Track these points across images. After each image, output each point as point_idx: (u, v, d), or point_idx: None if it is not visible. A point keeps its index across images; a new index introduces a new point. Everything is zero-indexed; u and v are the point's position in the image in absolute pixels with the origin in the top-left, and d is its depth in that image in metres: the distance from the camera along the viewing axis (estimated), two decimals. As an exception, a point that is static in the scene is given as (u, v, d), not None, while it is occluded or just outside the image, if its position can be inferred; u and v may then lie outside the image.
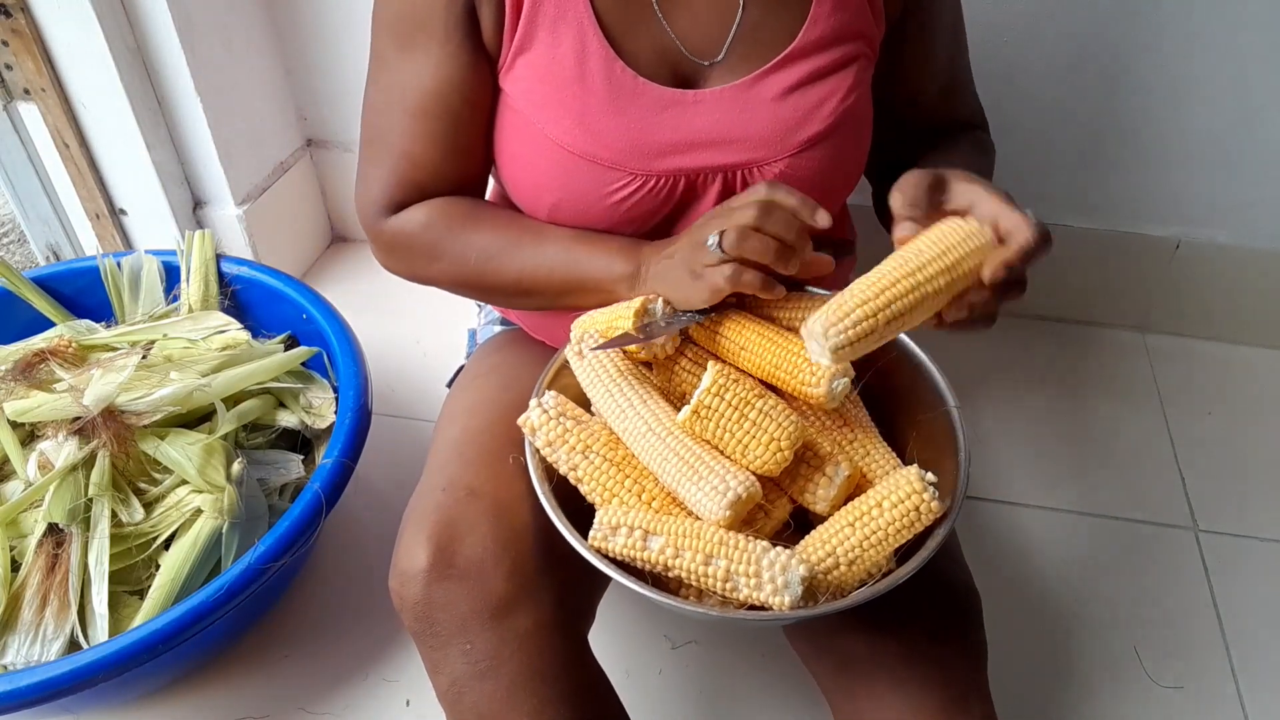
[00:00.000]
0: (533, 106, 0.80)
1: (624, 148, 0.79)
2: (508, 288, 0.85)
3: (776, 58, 0.80)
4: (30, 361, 1.10)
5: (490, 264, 0.83)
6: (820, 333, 0.63)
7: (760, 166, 0.81)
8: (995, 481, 1.36)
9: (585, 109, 0.79)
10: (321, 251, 1.79)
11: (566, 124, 0.79)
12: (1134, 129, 1.41)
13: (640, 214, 0.82)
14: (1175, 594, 1.23)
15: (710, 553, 0.66)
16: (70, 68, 1.34)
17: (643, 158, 0.79)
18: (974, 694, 0.78)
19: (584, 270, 0.81)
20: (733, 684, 1.11)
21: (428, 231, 0.85)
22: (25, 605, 0.98)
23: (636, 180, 0.80)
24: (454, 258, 0.84)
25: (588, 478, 0.73)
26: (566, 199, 0.82)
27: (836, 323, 0.63)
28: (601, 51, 0.78)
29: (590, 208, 0.81)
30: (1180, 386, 1.53)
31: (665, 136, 0.79)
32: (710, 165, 0.80)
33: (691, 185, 0.81)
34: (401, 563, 0.76)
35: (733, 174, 0.81)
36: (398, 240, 0.86)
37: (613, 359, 0.76)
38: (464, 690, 0.75)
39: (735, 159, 0.80)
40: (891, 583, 0.67)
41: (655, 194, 0.81)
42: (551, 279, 0.82)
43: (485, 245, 0.83)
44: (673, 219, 0.84)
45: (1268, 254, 1.50)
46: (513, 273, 0.83)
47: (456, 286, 0.88)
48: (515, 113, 0.82)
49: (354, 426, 1.08)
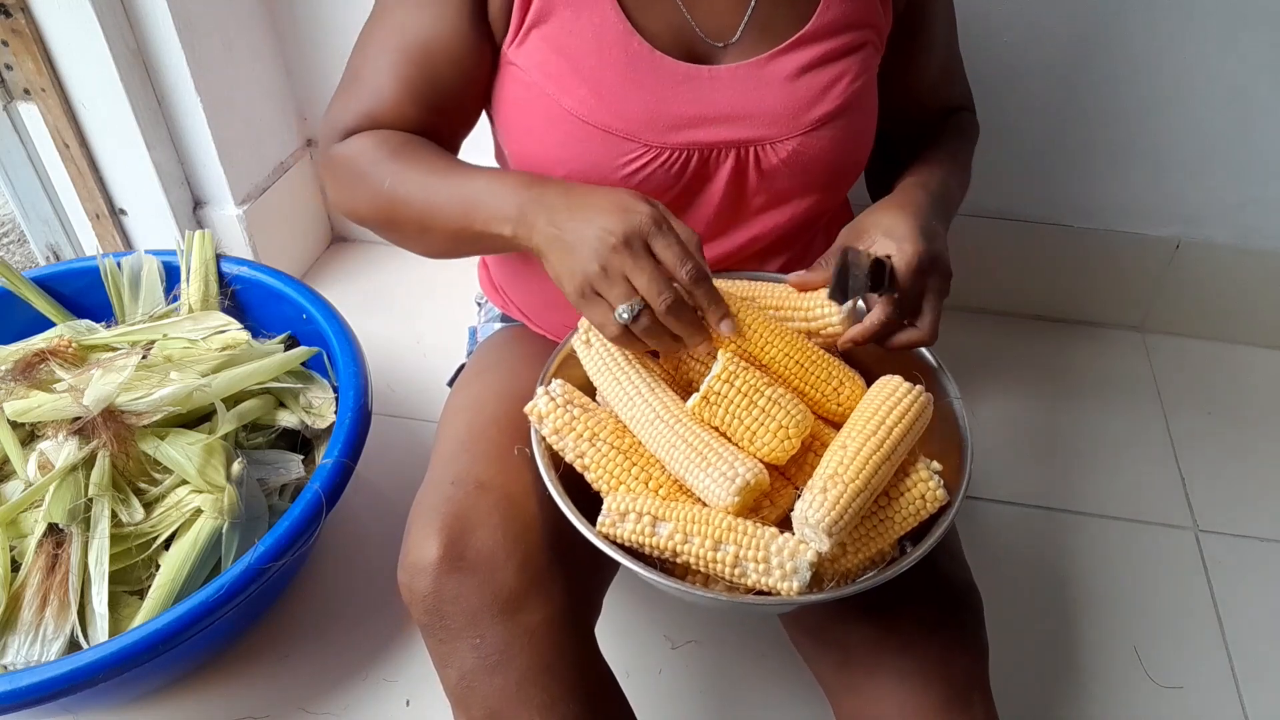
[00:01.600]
0: (547, 78, 0.81)
1: (639, 118, 0.80)
2: (412, 220, 0.80)
3: (790, 39, 0.82)
4: (30, 361, 1.10)
5: (400, 190, 0.79)
6: (823, 530, 0.66)
7: (773, 143, 0.82)
8: (995, 481, 1.36)
9: (602, 80, 0.80)
10: (321, 251, 1.79)
11: (582, 94, 0.80)
12: (1134, 129, 1.41)
13: (652, 188, 0.83)
14: (1175, 594, 1.23)
15: (719, 538, 0.67)
16: (70, 68, 1.34)
17: (657, 130, 0.80)
18: (975, 690, 0.78)
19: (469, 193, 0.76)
20: (733, 684, 1.11)
21: (361, 156, 0.82)
22: (25, 605, 0.98)
23: (650, 152, 0.81)
24: (373, 183, 0.81)
25: (595, 465, 0.74)
26: (578, 171, 0.82)
27: (837, 519, 0.66)
28: (620, 26, 0.80)
29: (603, 180, 0.82)
30: (1180, 386, 1.54)
31: (680, 110, 0.81)
32: (724, 140, 0.82)
33: (704, 160, 0.82)
34: (411, 555, 0.76)
35: (745, 150, 0.82)
36: (337, 163, 0.84)
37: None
38: (473, 684, 0.75)
39: (748, 134, 0.82)
40: (898, 569, 0.68)
41: (668, 167, 0.82)
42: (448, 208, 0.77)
43: (401, 172, 0.80)
44: (685, 196, 0.85)
45: (1268, 254, 1.50)
46: (418, 202, 0.79)
47: (376, 217, 0.83)
48: (528, 85, 0.82)
49: (354, 426, 1.08)
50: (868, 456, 0.67)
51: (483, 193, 0.76)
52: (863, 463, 0.67)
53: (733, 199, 0.85)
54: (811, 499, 0.66)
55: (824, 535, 0.65)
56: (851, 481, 0.66)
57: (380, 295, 1.66)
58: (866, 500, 0.67)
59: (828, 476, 0.67)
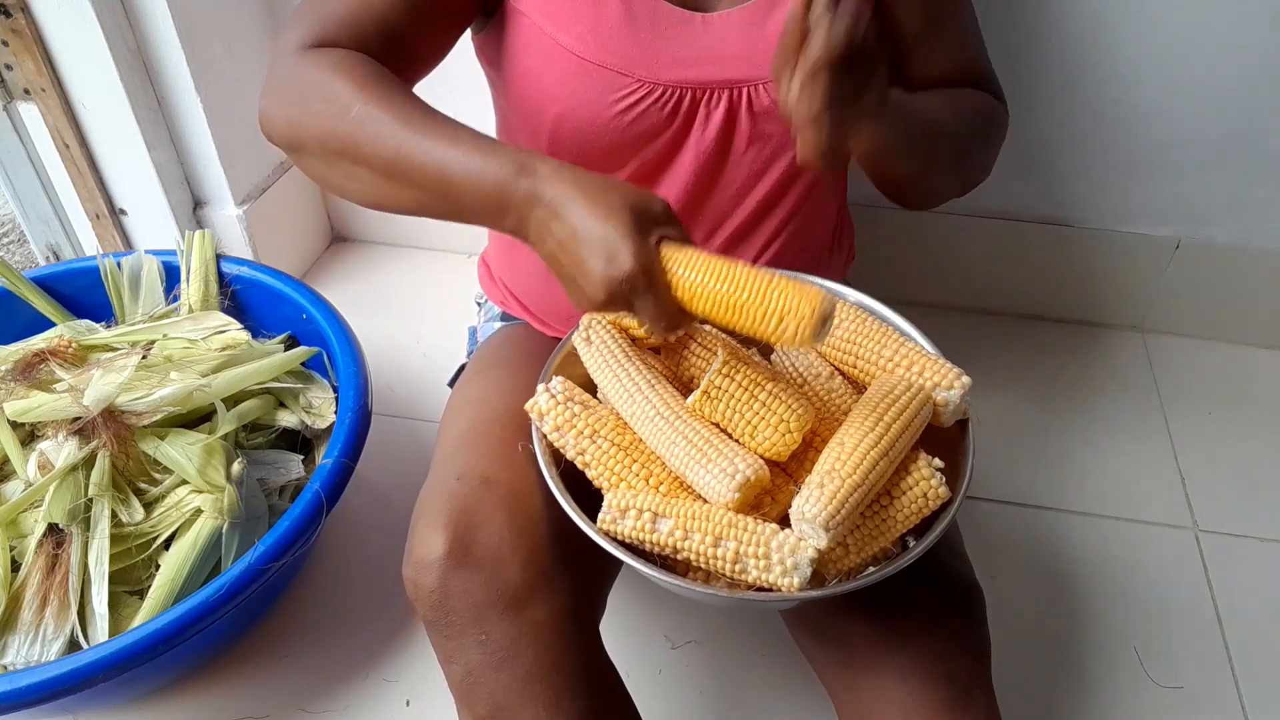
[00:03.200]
0: (547, 17, 0.82)
1: (634, 56, 0.81)
2: (377, 164, 0.72)
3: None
4: (30, 361, 1.10)
5: (368, 126, 0.71)
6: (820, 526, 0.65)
7: (766, 84, 0.83)
8: (995, 481, 1.36)
9: (599, 17, 0.81)
10: (321, 251, 1.79)
11: (579, 30, 0.81)
12: (1134, 129, 1.41)
13: (646, 128, 0.83)
14: (1175, 594, 1.23)
15: (720, 534, 0.67)
16: (70, 68, 1.34)
17: (652, 67, 0.81)
18: (977, 689, 0.78)
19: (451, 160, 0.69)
20: (733, 683, 1.11)
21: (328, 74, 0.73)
22: (25, 605, 0.98)
23: (644, 88, 0.82)
24: (335, 108, 0.72)
25: (595, 462, 0.74)
26: (573, 108, 0.83)
27: (834, 515, 0.65)
28: None
29: (596, 117, 0.82)
30: (1180, 386, 1.53)
31: (675, 50, 0.82)
32: (717, 80, 0.83)
33: (697, 100, 0.83)
34: (417, 551, 0.76)
35: (738, 91, 0.83)
36: (295, 75, 0.75)
37: (620, 344, 0.77)
38: (478, 680, 0.75)
39: (742, 74, 0.83)
40: (900, 564, 0.68)
41: (662, 104, 0.82)
42: (425, 168, 0.70)
43: (373, 107, 0.71)
44: (678, 137, 0.85)
45: (1268, 254, 1.50)
46: (387, 149, 0.71)
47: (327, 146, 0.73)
48: (526, 23, 0.83)
49: (354, 426, 1.08)
50: (865, 452, 0.67)
51: (465, 166, 0.69)
52: (860, 459, 0.67)
53: (724, 141, 0.86)
54: (809, 495, 0.66)
55: (821, 531, 0.65)
56: (849, 477, 0.66)
57: (380, 295, 1.66)
58: (864, 496, 0.67)
59: (825, 472, 0.67)
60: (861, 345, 0.78)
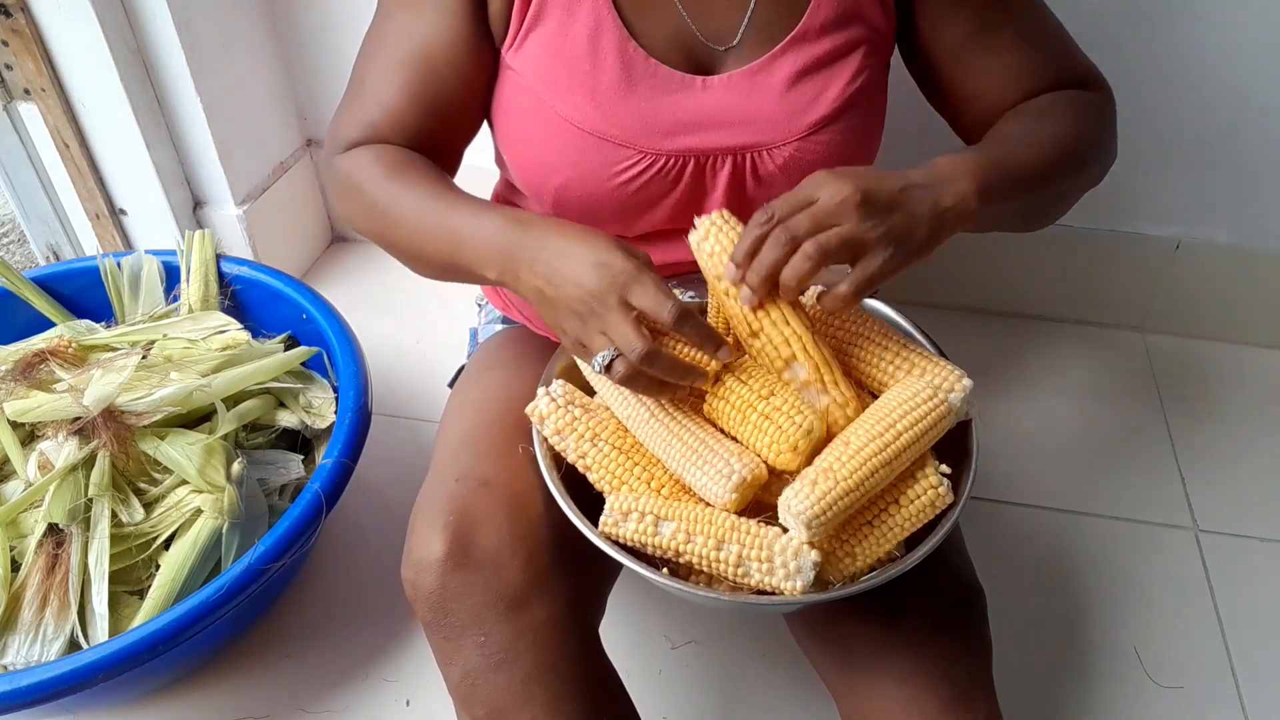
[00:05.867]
0: (544, 83, 0.80)
1: (634, 126, 0.80)
2: (404, 243, 0.80)
3: (784, 40, 0.81)
4: (30, 361, 1.10)
5: (393, 212, 0.79)
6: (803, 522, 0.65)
7: (770, 149, 0.81)
8: (995, 481, 1.36)
9: (597, 86, 0.79)
10: (321, 251, 1.78)
11: (577, 100, 0.80)
12: (1134, 129, 1.41)
13: (649, 196, 0.82)
14: (1175, 594, 1.23)
15: (722, 538, 0.67)
16: (70, 68, 1.34)
17: (653, 136, 0.80)
18: (979, 689, 0.78)
19: (455, 227, 0.75)
20: (733, 684, 1.11)
21: (359, 172, 0.81)
22: (25, 605, 0.98)
23: (646, 159, 0.80)
24: (368, 200, 0.80)
25: (596, 465, 0.74)
26: (575, 178, 0.82)
27: (819, 515, 0.64)
28: (616, 31, 0.79)
29: (599, 188, 0.82)
30: (1180, 386, 1.53)
31: (676, 116, 0.80)
32: (720, 146, 0.81)
33: (701, 168, 0.82)
34: (416, 552, 0.76)
35: (742, 156, 0.82)
36: (339, 176, 0.83)
37: None
38: (477, 682, 0.75)
39: (745, 140, 0.81)
40: (902, 567, 0.67)
41: (664, 174, 0.81)
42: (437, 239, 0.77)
43: (395, 194, 0.79)
44: (682, 204, 0.84)
45: (1268, 254, 1.50)
46: (409, 227, 0.78)
47: (371, 234, 0.83)
48: (525, 91, 0.82)
49: (354, 426, 1.08)
50: (867, 457, 0.66)
51: (468, 229, 0.75)
52: (860, 462, 0.66)
53: (731, 208, 0.84)
54: (799, 488, 0.65)
55: (803, 527, 0.64)
56: (844, 480, 0.65)
57: (380, 295, 1.66)
58: (857, 500, 0.66)
59: (821, 470, 0.66)
60: (863, 345, 0.78)
